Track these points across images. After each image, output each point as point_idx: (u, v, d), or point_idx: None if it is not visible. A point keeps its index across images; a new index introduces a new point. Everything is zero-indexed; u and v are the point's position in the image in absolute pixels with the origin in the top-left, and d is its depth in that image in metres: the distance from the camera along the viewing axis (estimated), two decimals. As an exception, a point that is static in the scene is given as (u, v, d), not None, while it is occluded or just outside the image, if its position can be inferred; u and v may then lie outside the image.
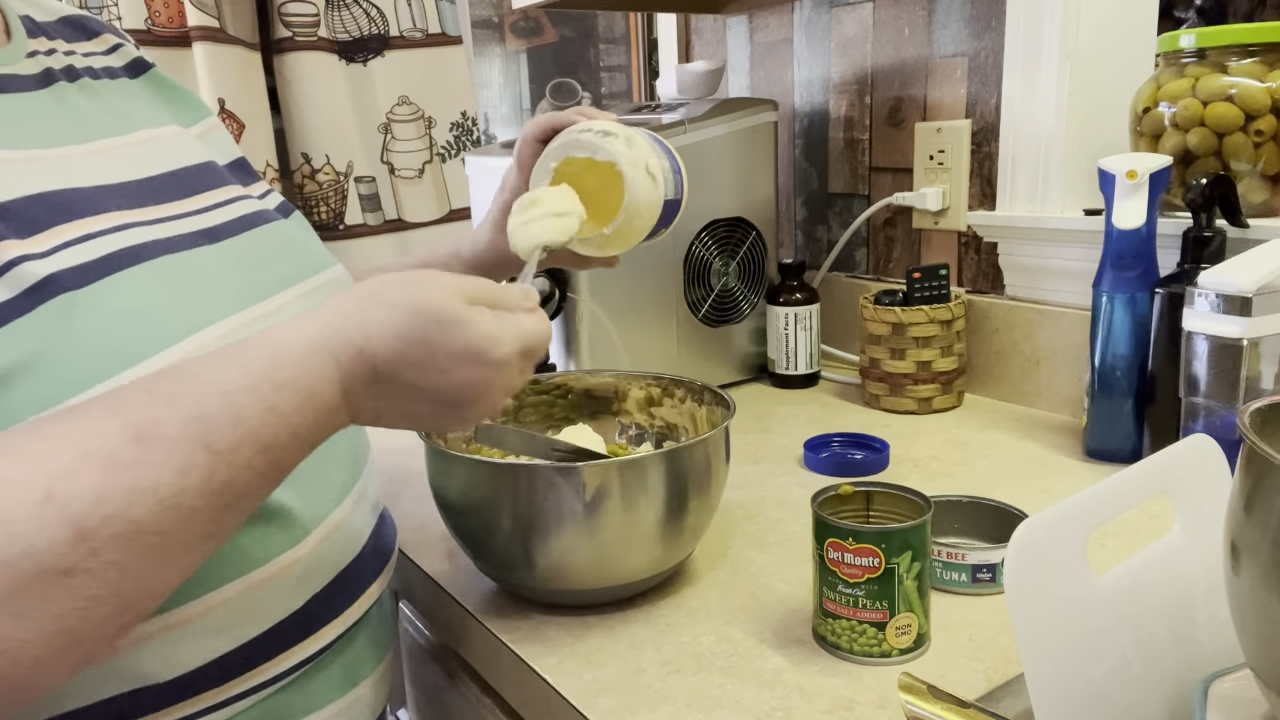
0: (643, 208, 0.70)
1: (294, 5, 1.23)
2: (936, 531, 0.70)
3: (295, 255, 0.65)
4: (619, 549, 0.64)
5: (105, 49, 0.67)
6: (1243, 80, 0.89)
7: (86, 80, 0.62)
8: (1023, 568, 0.42)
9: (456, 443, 0.78)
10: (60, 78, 0.59)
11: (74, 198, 0.52)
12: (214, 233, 0.59)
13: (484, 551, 0.68)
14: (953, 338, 1.08)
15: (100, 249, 0.50)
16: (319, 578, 0.59)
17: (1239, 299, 0.76)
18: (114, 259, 0.50)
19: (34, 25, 0.62)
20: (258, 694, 0.55)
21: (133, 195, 0.56)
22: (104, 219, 0.52)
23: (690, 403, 0.80)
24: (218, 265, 0.57)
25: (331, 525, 0.59)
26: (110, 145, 0.59)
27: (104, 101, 0.62)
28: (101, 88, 0.63)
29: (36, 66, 0.58)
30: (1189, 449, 0.49)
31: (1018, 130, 1.07)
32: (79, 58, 0.63)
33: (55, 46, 0.62)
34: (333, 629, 0.60)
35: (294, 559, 0.56)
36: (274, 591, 0.55)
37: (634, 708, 0.57)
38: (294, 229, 0.68)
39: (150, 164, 0.60)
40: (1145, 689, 0.46)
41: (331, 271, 0.67)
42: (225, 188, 0.65)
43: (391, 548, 0.70)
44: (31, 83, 0.57)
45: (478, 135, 1.45)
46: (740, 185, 1.20)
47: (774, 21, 1.40)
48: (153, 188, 0.58)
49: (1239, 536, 0.39)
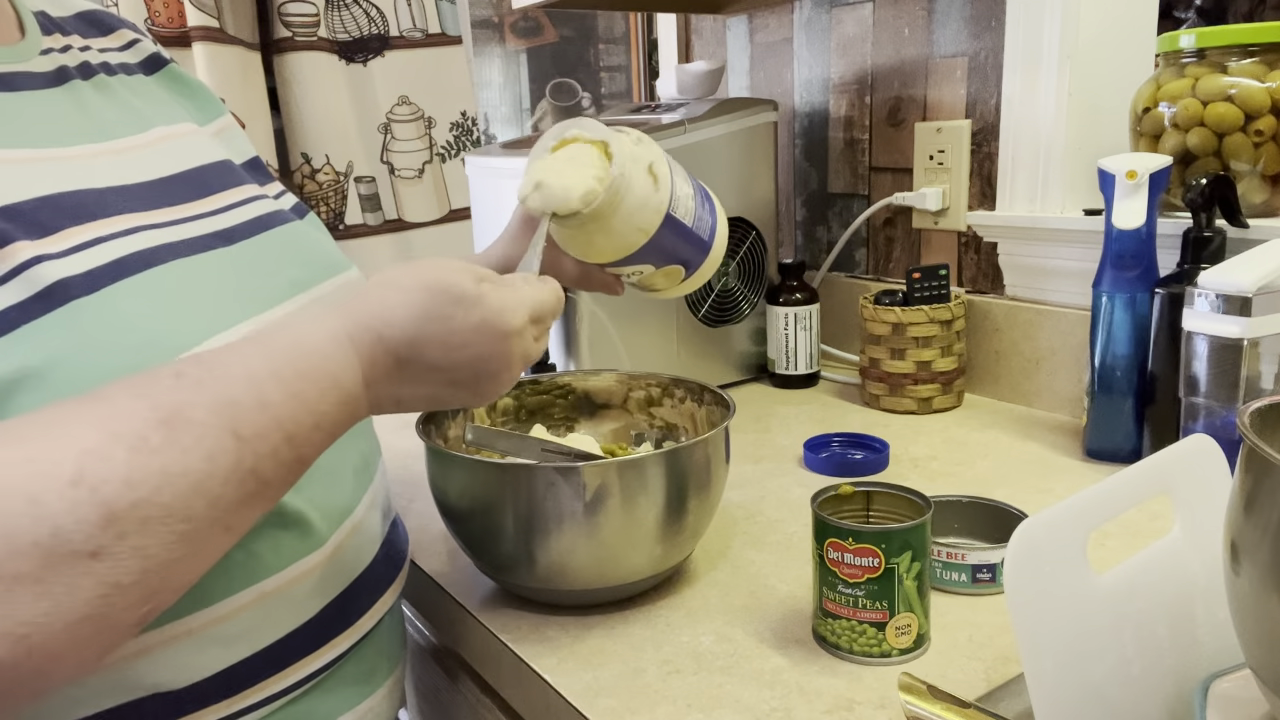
0: (633, 204, 0.66)
1: (294, 5, 1.23)
2: (936, 531, 0.70)
3: (310, 258, 0.64)
4: (619, 549, 0.64)
5: (121, 45, 0.66)
6: (1243, 80, 0.89)
7: (102, 77, 0.61)
8: (1023, 567, 0.42)
9: (456, 443, 0.78)
10: (75, 75, 0.59)
11: (86, 199, 0.51)
12: (228, 234, 0.58)
13: (484, 552, 0.68)
14: (952, 338, 1.08)
15: (112, 252, 0.50)
16: (333, 586, 0.58)
17: (1239, 299, 0.76)
18: (126, 263, 0.50)
19: (49, 21, 0.61)
20: (271, 704, 0.55)
21: (146, 197, 0.56)
22: (116, 221, 0.52)
23: (690, 403, 0.80)
24: (231, 269, 0.56)
25: (346, 532, 0.59)
26: (125, 145, 0.58)
27: (119, 99, 0.61)
28: (117, 84, 0.62)
29: (51, 64, 0.58)
30: (1189, 449, 0.49)
31: (1018, 130, 1.07)
32: (94, 54, 0.62)
33: (70, 43, 0.61)
34: (346, 638, 0.60)
35: (309, 567, 0.56)
36: (287, 600, 0.55)
37: (634, 708, 0.57)
38: (309, 230, 0.68)
39: (165, 163, 0.59)
40: (1145, 689, 0.46)
41: (346, 275, 0.66)
42: (241, 187, 0.64)
43: (404, 556, 0.70)
44: (45, 80, 0.56)
45: (478, 135, 1.45)
46: (740, 185, 1.20)
47: (774, 21, 1.40)
48: (167, 188, 0.58)
49: (1239, 536, 0.39)
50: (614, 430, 0.85)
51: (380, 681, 0.65)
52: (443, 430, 0.76)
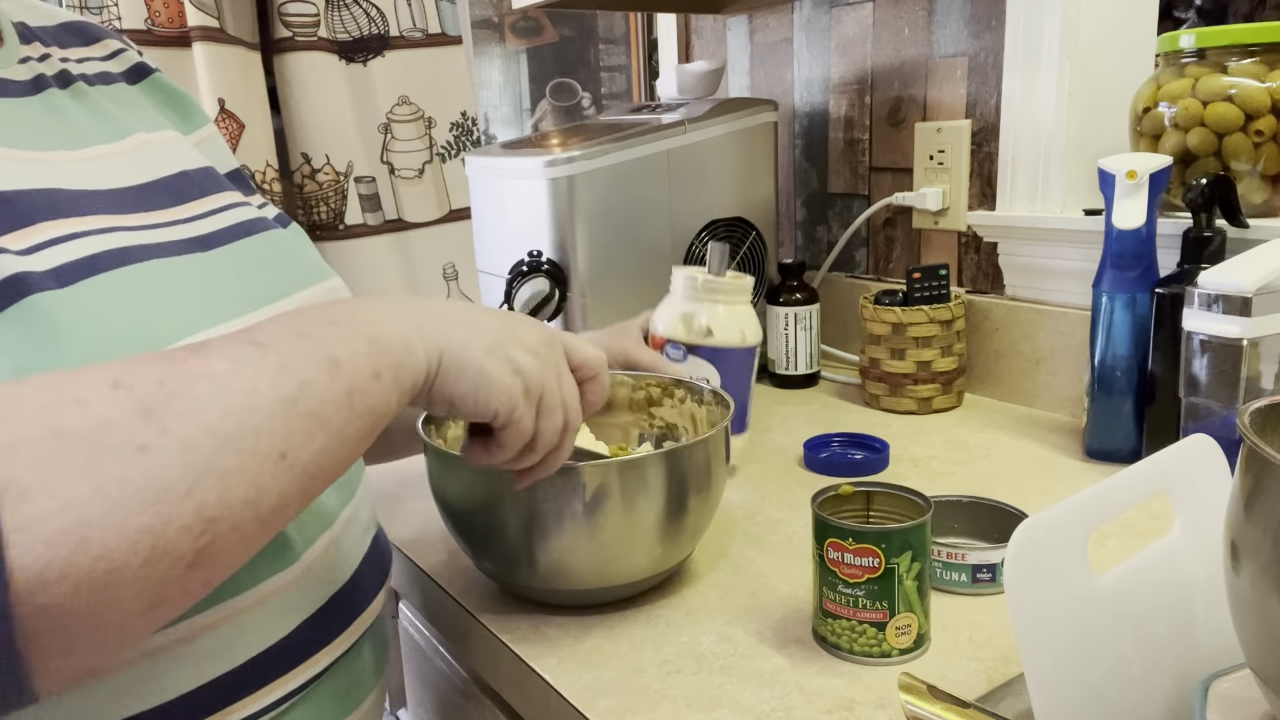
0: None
1: (294, 5, 1.23)
2: (936, 531, 0.70)
3: (290, 265, 0.63)
4: (619, 549, 0.64)
5: (104, 54, 0.66)
6: (1243, 80, 0.89)
7: (80, 86, 0.61)
8: (1023, 567, 0.42)
9: (456, 443, 0.78)
10: (52, 84, 0.58)
11: (58, 197, 0.51)
12: (206, 240, 0.58)
13: (484, 551, 0.68)
14: (952, 338, 1.08)
15: (83, 249, 0.49)
16: (309, 603, 0.57)
17: (1239, 299, 0.76)
18: (98, 260, 0.49)
19: (28, 31, 0.61)
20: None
21: (121, 201, 0.55)
22: (89, 220, 0.51)
23: (690, 403, 0.80)
24: (208, 272, 0.56)
25: (322, 547, 0.58)
26: (102, 152, 0.58)
27: (97, 107, 0.61)
28: (95, 93, 0.62)
29: (28, 72, 0.57)
30: (1189, 449, 0.49)
31: (1018, 130, 1.07)
32: (74, 64, 0.62)
33: (50, 52, 0.61)
34: (324, 656, 0.58)
35: (283, 583, 0.55)
36: (259, 618, 0.54)
37: (634, 708, 0.57)
38: (291, 238, 0.67)
39: (143, 170, 0.59)
40: (1145, 689, 0.46)
41: (328, 284, 0.66)
42: (222, 194, 0.63)
43: (385, 571, 0.68)
44: (22, 88, 0.56)
45: (478, 135, 1.45)
46: (740, 185, 1.20)
47: (774, 21, 1.40)
48: (143, 194, 0.57)
49: (1239, 536, 0.39)
50: (617, 428, 0.85)
51: (362, 698, 0.63)
52: (443, 430, 0.76)
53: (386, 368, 0.46)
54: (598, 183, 1.13)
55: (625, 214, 1.15)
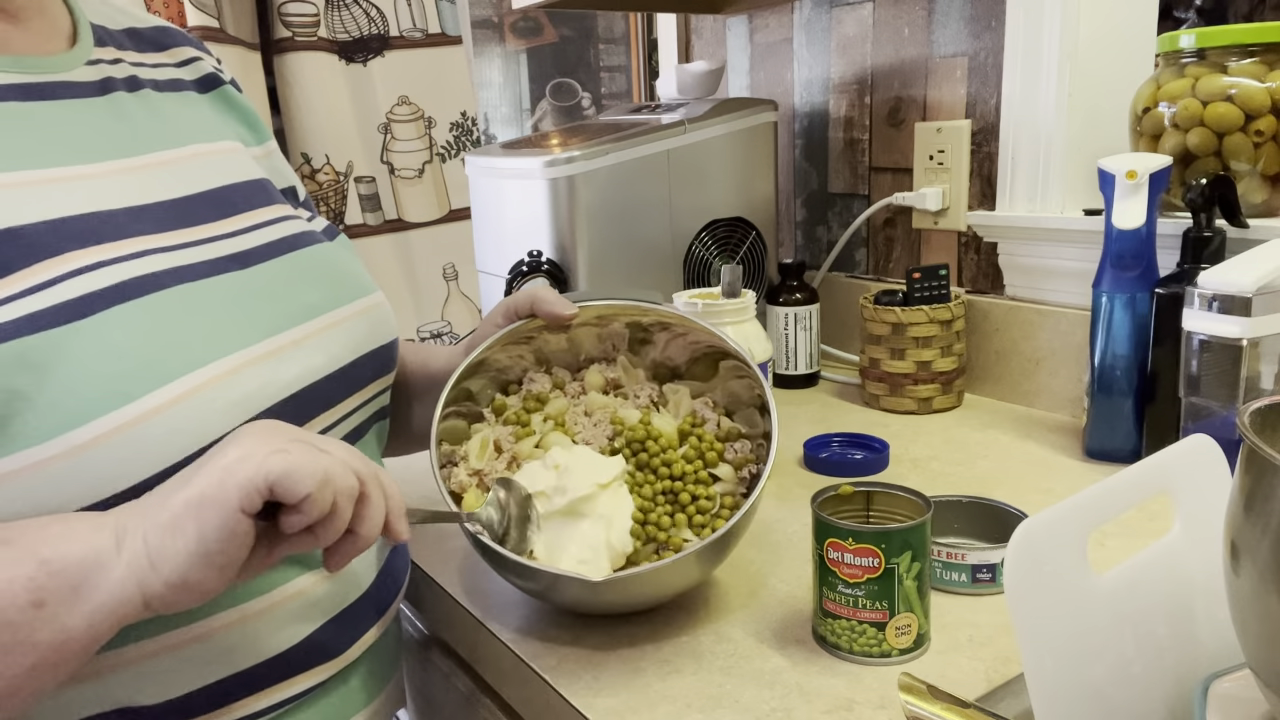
0: None
1: (294, 5, 1.23)
2: (936, 531, 0.70)
3: (331, 281, 0.62)
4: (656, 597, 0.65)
5: (177, 62, 0.66)
6: (1243, 80, 0.89)
7: (148, 92, 0.61)
8: (1023, 568, 0.42)
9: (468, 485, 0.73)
10: (119, 87, 0.59)
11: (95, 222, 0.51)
12: (244, 257, 0.58)
13: (488, 551, 0.68)
14: (952, 338, 1.08)
15: (111, 277, 0.49)
16: (320, 612, 0.58)
17: (1239, 299, 0.76)
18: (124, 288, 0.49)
19: (105, 34, 0.61)
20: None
21: (163, 217, 0.55)
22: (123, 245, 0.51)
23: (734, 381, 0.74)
24: (239, 293, 0.55)
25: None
26: (156, 160, 0.58)
27: (160, 113, 0.61)
28: (162, 100, 0.62)
29: (96, 74, 0.58)
30: (1189, 449, 0.49)
31: (1018, 130, 1.07)
32: (146, 69, 0.62)
33: (123, 56, 0.61)
34: (330, 666, 0.59)
35: (295, 590, 0.55)
36: (270, 623, 0.54)
37: (634, 708, 0.57)
38: (336, 252, 0.66)
39: (194, 181, 0.59)
40: (1145, 689, 0.46)
41: (368, 299, 0.65)
42: (271, 207, 0.63)
43: (400, 584, 0.69)
44: (87, 90, 0.56)
45: (478, 135, 1.45)
46: (740, 185, 1.20)
47: (774, 21, 1.40)
48: (188, 207, 0.57)
49: (1239, 536, 0.39)
50: (692, 390, 0.76)
51: (367, 702, 0.64)
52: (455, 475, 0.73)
53: (52, 593, 0.41)
54: (597, 183, 1.13)
55: (625, 214, 1.15)
